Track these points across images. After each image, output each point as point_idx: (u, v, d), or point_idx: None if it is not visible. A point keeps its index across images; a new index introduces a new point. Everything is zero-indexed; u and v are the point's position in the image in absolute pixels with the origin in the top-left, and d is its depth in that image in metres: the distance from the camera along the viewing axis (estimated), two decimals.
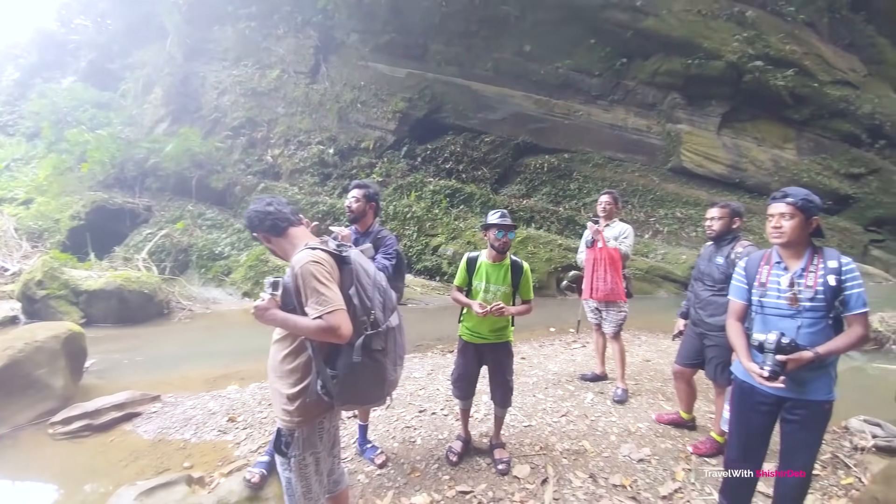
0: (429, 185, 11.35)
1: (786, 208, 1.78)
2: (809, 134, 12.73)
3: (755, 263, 1.93)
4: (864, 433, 3.04)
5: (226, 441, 3.04)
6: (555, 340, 5.54)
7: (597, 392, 3.69)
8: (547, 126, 12.55)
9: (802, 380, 1.75)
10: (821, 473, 2.62)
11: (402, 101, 12.52)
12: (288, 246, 1.65)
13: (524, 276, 2.54)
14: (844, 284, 1.70)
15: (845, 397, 3.60)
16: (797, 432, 1.82)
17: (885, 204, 12.06)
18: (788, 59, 12.34)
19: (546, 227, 10.88)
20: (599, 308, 3.67)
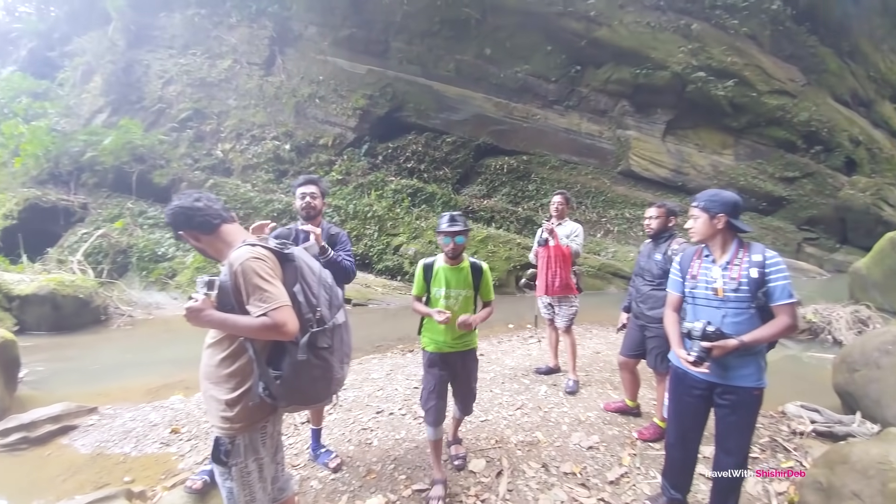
0: (390, 184, 11.26)
1: (693, 210, 1.98)
2: (746, 140, 13.86)
3: (689, 258, 2.08)
4: (801, 418, 3.24)
5: (169, 454, 2.90)
6: (512, 337, 5.67)
7: (550, 384, 3.81)
8: (506, 128, 12.83)
9: (730, 366, 1.89)
10: (760, 457, 2.80)
11: (363, 98, 12.32)
12: (221, 244, 1.55)
13: (484, 278, 2.43)
14: (768, 277, 1.83)
15: (782, 384, 3.97)
16: (727, 417, 1.95)
17: (818, 205, 13.23)
18: (729, 71, 13.35)
19: (506, 226, 11.13)
20: (552, 304, 3.81)
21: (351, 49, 12.74)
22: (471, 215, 11.38)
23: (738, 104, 13.33)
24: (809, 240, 13.11)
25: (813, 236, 13.17)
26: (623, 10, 13.56)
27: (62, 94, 12.66)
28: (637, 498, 2.35)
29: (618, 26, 13.16)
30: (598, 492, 2.41)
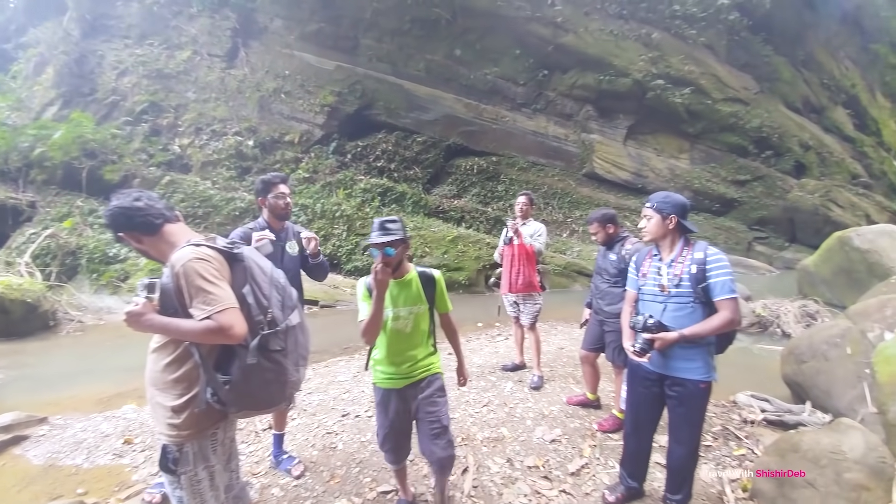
0: (359, 183, 11.10)
1: (646, 211, 2.07)
2: (701, 146, 14.66)
3: (643, 257, 2.19)
4: (752, 407, 3.41)
5: (122, 465, 2.79)
6: (481, 335, 5.73)
7: (516, 381, 3.89)
8: (476, 129, 12.95)
9: (675, 358, 1.99)
10: (713, 444, 2.95)
11: (331, 94, 12.08)
12: (165, 245, 1.47)
13: (438, 288, 2.09)
14: (708, 273, 1.91)
15: (732, 375, 4.19)
16: (677, 408, 2.06)
17: (768, 206, 14.11)
18: (686, 79, 14.07)
19: (475, 226, 11.23)
20: (517, 301, 3.89)
21: (319, 44, 12.46)
22: (441, 215, 11.41)
23: (694, 111, 14.08)
24: (759, 239, 14.01)
25: (763, 235, 14.09)
26: (588, 18, 14.02)
27: (14, 86, 11.85)
28: (597, 488, 2.44)
29: (583, 33, 13.59)
30: (560, 483, 2.48)
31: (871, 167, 16.83)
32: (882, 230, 7.48)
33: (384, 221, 1.90)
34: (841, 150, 16.54)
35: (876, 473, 2.16)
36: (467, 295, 8.97)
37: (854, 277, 6.76)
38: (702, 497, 2.38)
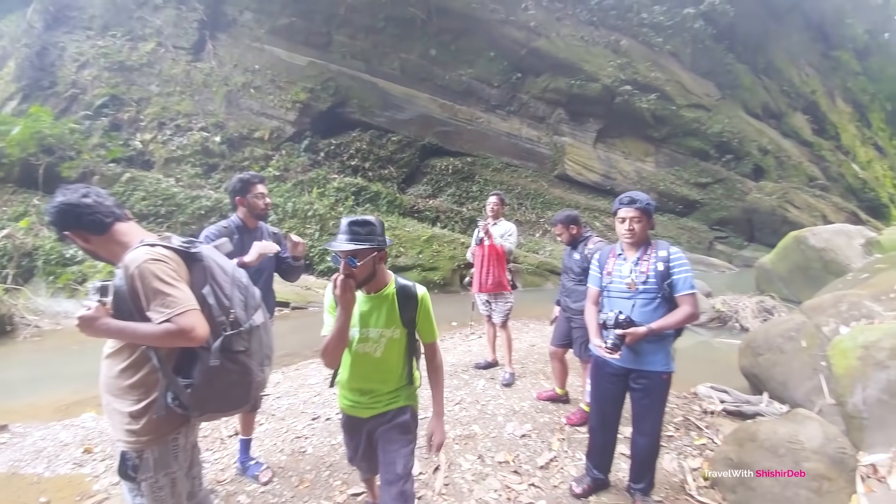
0: (333, 182, 10.92)
1: (635, 213, 2.07)
2: (666, 150, 15.29)
3: (605, 256, 2.25)
4: (711, 398, 3.55)
5: (83, 474, 2.71)
6: (455, 334, 5.76)
7: (488, 378, 3.92)
8: (451, 130, 13.00)
9: (642, 352, 2.07)
10: (675, 434, 3.05)
11: (303, 91, 11.83)
12: (115, 246, 1.40)
13: (421, 309, 1.67)
14: (672, 270, 2.03)
15: (694, 367, 4.36)
16: (641, 399, 2.15)
17: (728, 207, 14.89)
18: (653, 85, 14.62)
19: (451, 226, 11.27)
20: (489, 300, 3.93)
21: (290, 39, 12.18)
22: (416, 215, 11.38)
23: (659, 116, 14.66)
24: (720, 238, 14.76)
25: (723, 235, 14.85)
26: (560, 23, 14.34)
27: None
28: (564, 480, 2.49)
29: (555, 38, 13.90)
30: (530, 477, 2.52)
31: (828, 170, 17.95)
32: (838, 229, 7.98)
33: (353, 223, 1.51)
34: (798, 153, 17.59)
35: (836, 464, 2.24)
36: (442, 294, 8.99)
37: (810, 274, 7.18)
38: (664, 486, 2.46)
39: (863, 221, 14.33)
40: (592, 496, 2.33)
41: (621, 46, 14.93)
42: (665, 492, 2.42)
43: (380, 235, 1.55)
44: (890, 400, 2.65)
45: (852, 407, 2.75)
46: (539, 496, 2.37)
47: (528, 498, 2.35)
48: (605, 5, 15.36)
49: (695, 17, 16.04)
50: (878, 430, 2.63)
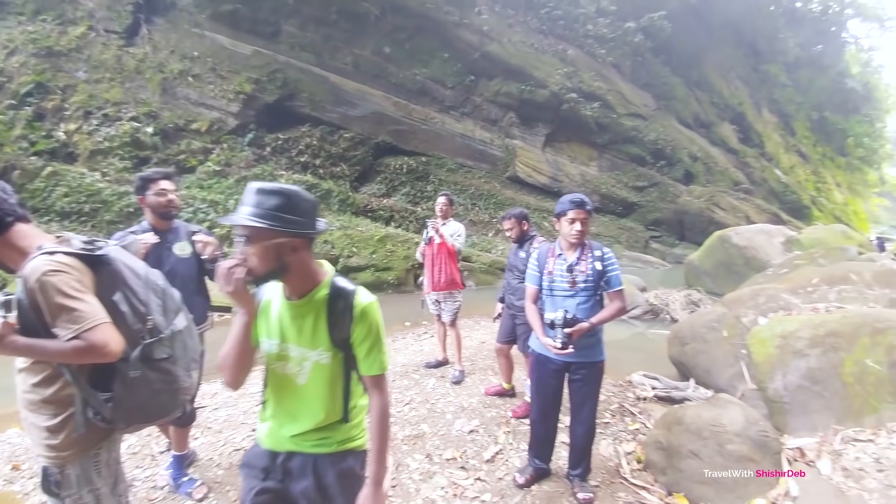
0: (280, 179, 10.43)
1: (585, 214, 2.17)
2: (608, 155, 16.28)
3: (544, 256, 2.33)
4: (644, 385, 3.77)
5: (13, 492, 2.51)
6: (408, 334, 5.73)
7: (438, 377, 3.94)
8: (406, 129, 12.92)
9: (582, 346, 2.17)
10: (611, 421, 3.23)
11: (248, 81, 11.18)
12: (13, 251, 1.23)
13: (359, 325, 1.19)
14: (606, 268, 2.18)
15: (629, 357, 4.64)
16: (580, 389, 2.27)
17: (661, 209, 16.14)
18: (596, 94, 15.49)
19: (405, 226, 11.20)
20: (439, 300, 3.96)
21: (234, 26, 11.47)
22: (370, 214, 11.18)
23: (602, 123, 15.59)
24: (654, 237, 15.98)
25: (657, 234, 16.08)
26: (512, 30, 14.78)
27: None
28: (509, 472, 2.56)
29: (507, 44, 14.29)
30: (476, 472, 2.57)
31: (752, 175, 19.96)
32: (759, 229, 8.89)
33: (262, 191, 1.09)
34: (725, 160, 19.46)
35: (760, 446, 2.35)
36: (396, 295, 8.89)
37: (733, 270, 7.93)
38: (601, 470, 2.60)
39: (784, 222, 16.11)
40: (535, 485, 2.42)
41: (568, 56, 15.67)
42: (602, 476, 2.55)
43: (299, 216, 1.10)
44: (811, 386, 2.88)
45: (773, 392, 2.98)
46: (484, 489, 2.41)
47: (473, 492, 2.39)
48: (554, 15, 16.05)
49: (635, 31, 17.21)
50: (801, 415, 2.86)
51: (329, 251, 8.88)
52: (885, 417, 2.71)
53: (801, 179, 23.35)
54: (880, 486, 2.27)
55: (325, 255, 8.79)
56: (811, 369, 2.92)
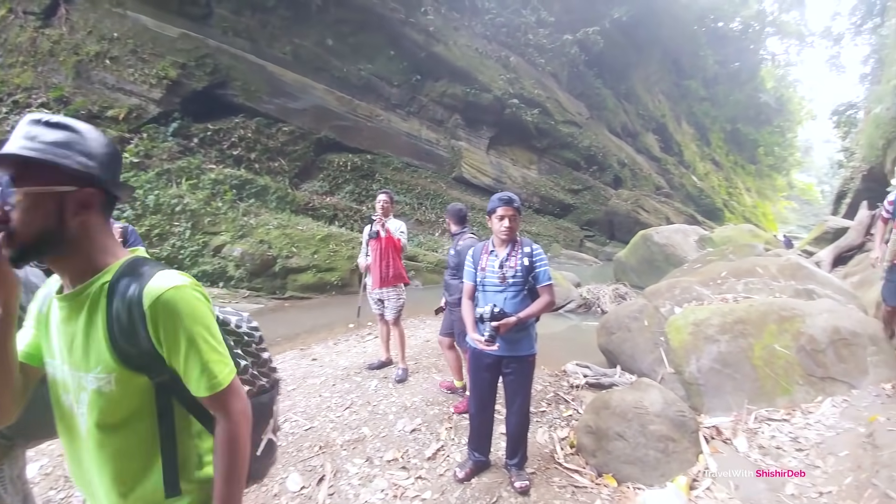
0: (209, 173, 9.63)
1: (512, 211, 2.25)
2: (547, 159, 17.17)
3: (479, 252, 2.38)
4: (577, 374, 3.92)
5: None
6: (351, 336, 5.56)
7: (381, 378, 3.87)
8: (350, 125, 12.57)
9: (512, 340, 2.25)
10: (547, 409, 3.34)
11: (174, 66, 10.19)
12: None
13: (166, 324, 0.79)
14: (535, 264, 2.26)
15: (565, 348, 4.85)
16: (513, 382, 2.34)
17: (594, 210, 17.37)
18: (536, 101, 16.22)
19: (349, 225, 10.90)
20: (381, 298, 3.91)
21: (160, 7, 10.38)
22: (311, 212, 10.72)
23: (541, 129, 16.39)
24: (588, 237, 17.19)
25: (591, 234, 17.32)
26: (457, 33, 15.00)
27: None
28: (450, 468, 2.56)
29: (452, 46, 14.47)
30: (417, 471, 2.55)
31: (672, 181, 22.15)
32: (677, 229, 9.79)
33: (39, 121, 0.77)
34: (649, 167, 21.39)
35: (678, 426, 2.49)
36: (341, 296, 8.61)
37: (654, 265, 8.67)
38: (537, 457, 2.70)
39: (699, 222, 18.00)
40: (474, 478, 2.45)
41: (511, 62, 16.25)
42: (538, 463, 2.64)
43: (93, 160, 0.78)
44: (723, 369, 3.16)
45: (689, 375, 3.25)
46: (425, 487, 2.40)
47: (414, 491, 2.37)
48: (497, 22, 16.54)
49: (571, 43, 18.29)
50: (715, 395, 3.12)
51: (266, 252, 8.37)
52: (799, 398, 3.02)
53: (715, 185, 26.32)
54: (801, 465, 2.43)
55: (261, 255, 8.28)
56: (722, 353, 3.22)
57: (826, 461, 2.44)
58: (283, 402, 3.41)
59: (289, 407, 3.33)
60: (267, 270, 8.33)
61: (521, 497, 2.30)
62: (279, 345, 5.21)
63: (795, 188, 41.46)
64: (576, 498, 2.33)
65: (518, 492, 2.32)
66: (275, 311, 7.62)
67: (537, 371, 4.01)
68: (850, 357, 3.10)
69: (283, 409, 3.31)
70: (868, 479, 2.18)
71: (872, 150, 7.17)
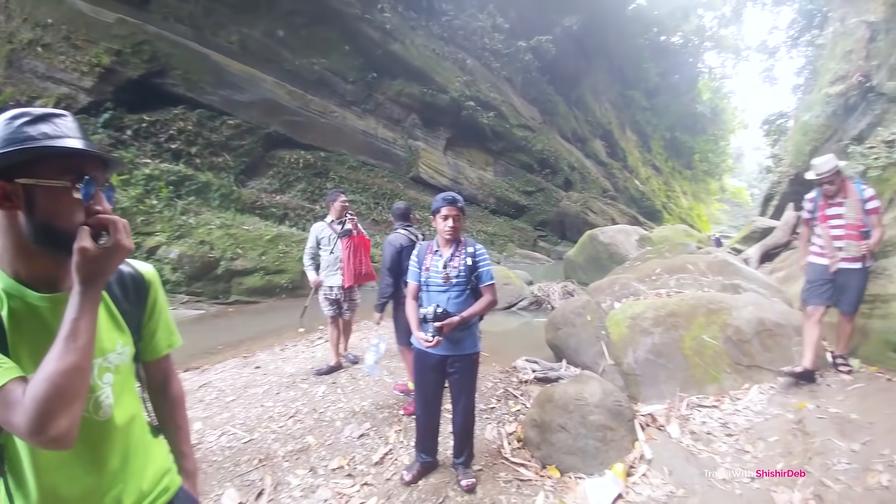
0: (143, 168, 8.88)
1: (457, 211, 2.25)
2: (502, 161, 17.56)
3: (423, 252, 2.36)
4: (526, 369, 3.99)
5: None
6: (300, 341, 5.32)
7: (330, 383, 3.74)
8: (302, 120, 12.12)
9: (456, 339, 2.26)
10: (496, 406, 3.37)
11: (107, 53, 9.33)
12: None
13: (151, 299, 0.98)
14: (478, 264, 2.28)
15: (516, 345, 4.90)
16: (458, 381, 2.35)
17: (547, 211, 18.00)
18: (492, 104, 16.52)
19: (301, 225, 10.48)
20: (339, 299, 3.91)
21: None
22: (259, 212, 10.20)
23: (496, 132, 16.76)
24: (542, 236, 17.82)
25: (544, 234, 17.98)
26: (414, 32, 14.94)
27: None
28: (398, 471, 2.51)
29: (409, 45, 14.39)
30: (363, 477, 2.48)
31: (617, 184, 23.46)
32: (620, 229, 10.33)
33: (49, 115, 0.75)
34: (596, 171, 22.51)
35: (615, 415, 2.57)
36: (291, 299, 8.23)
37: (600, 264, 9.08)
38: (485, 454, 2.70)
39: (640, 223, 19.14)
40: (422, 480, 2.42)
41: (467, 65, 16.45)
42: (486, 459, 2.64)
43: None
44: (657, 359, 3.32)
45: (627, 366, 3.40)
46: (371, 493, 2.34)
47: (359, 499, 2.30)
48: (454, 24, 16.67)
49: (525, 50, 18.84)
50: (650, 385, 3.26)
51: (207, 253, 7.85)
52: (727, 385, 3.19)
53: (655, 188, 28.24)
54: (731, 450, 2.52)
55: (201, 257, 7.75)
56: (656, 345, 3.39)
57: (756, 446, 2.54)
58: (220, 415, 3.21)
59: (226, 419, 3.13)
60: (208, 273, 7.81)
61: (467, 495, 2.31)
62: (220, 353, 4.90)
63: (727, 192, 45.23)
64: (521, 491, 2.36)
65: (464, 490, 2.32)
66: (217, 317, 7.16)
67: (488, 368, 4.10)
68: (776, 346, 3.32)
69: (220, 421, 3.10)
70: (800, 465, 2.27)
71: (799, 156, 7.99)
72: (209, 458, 2.66)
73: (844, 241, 3.06)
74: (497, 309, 6.95)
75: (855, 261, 3.05)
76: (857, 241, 3.01)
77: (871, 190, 3.09)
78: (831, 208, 3.12)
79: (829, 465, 2.18)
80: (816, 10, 12.16)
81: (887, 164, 3.63)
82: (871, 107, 4.51)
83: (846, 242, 3.05)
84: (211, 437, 2.88)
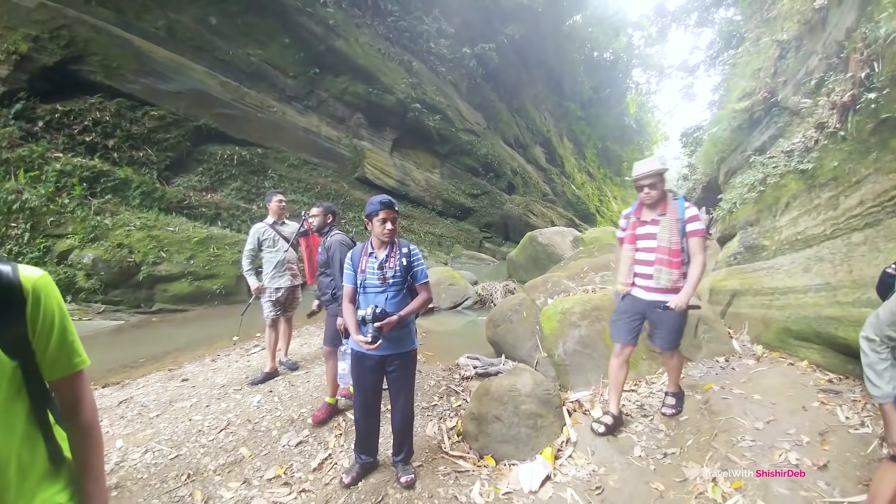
0: (54, 163, 7.87)
1: (394, 214, 2.32)
2: (449, 164, 17.84)
3: (357, 255, 2.39)
4: (468, 366, 4.10)
5: None
6: (233, 350, 5.04)
7: (266, 392, 3.61)
8: (237, 114, 11.42)
9: (395, 338, 2.32)
10: (438, 403, 3.45)
11: (26, 39, 8.20)
12: None
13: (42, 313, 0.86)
14: (413, 264, 2.35)
15: (460, 343, 5.02)
16: (397, 379, 2.40)
17: (492, 214, 18.52)
18: (438, 107, 16.71)
19: (235, 226, 9.89)
20: (283, 299, 3.84)
21: None
22: (187, 211, 9.45)
23: (443, 135, 17.01)
24: (487, 238, 18.36)
25: (489, 235, 18.54)
26: (359, 30, 14.68)
27: None
28: (337, 475, 2.51)
29: (354, 43, 14.11)
30: (301, 484, 2.45)
31: (556, 188, 24.77)
32: (557, 230, 10.91)
33: None
34: (536, 176, 23.59)
35: (545, 403, 2.74)
36: (225, 306, 7.73)
37: (539, 263, 9.54)
38: (425, 450, 2.77)
39: (576, 225, 20.38)
40: (361, 481, 2.45)
41: (413, 67, 16.50)
42: (426, 454, 2.72)
43: None
44: (583, 350, 3.58)
45: (558, 357, 3.64)
46: (309, 500, 2.33)
47: None
48: (400, 26, 16.63)
49: (470, 56, 19.31)
50: (578, 373, 3.52)
51: (126, 258, 7.15)
52: (643, 371, 3.54)
53: (589, 193, 30.28)
54: (647, 430, 2.73)
55: (119, 262, 7.05)
56: (582, 337, 3.68)
57: (668, 425, 2.79)
58: (143, 432, 2.99)
59: (151, 436, 2.92)
60: (128, 280, 7.11)
61: (406, 491, 2.37)
62: (142, 366, 4.51)
63: None
64: (458, 482, 2.47)
65: (403, 486, 2.38)
66: (139, 327, 6.55)
67: (432, 367, 4.19)
68: (686, 335, 3.60)
69: (144, 438, 2.89)
70: (708, 441, 2.46)
71: (709, 165, 8.90)
72: (133, 476, 2.48)
73: (655, 268, 2.59)
74: (442, 308, 7.17)
75: (667, 292, 2.58)
76: (670, 269, 2.55)
77: (695, 209, 2.57)
78: (643, 226, 2.66)
79: (734, 442, 2.37)
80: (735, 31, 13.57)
81: (785, 172, 4.08)
82: (775, 120, 5.15)
83: (656, 269, 2.59)
84: (134, 455, 2.68)
